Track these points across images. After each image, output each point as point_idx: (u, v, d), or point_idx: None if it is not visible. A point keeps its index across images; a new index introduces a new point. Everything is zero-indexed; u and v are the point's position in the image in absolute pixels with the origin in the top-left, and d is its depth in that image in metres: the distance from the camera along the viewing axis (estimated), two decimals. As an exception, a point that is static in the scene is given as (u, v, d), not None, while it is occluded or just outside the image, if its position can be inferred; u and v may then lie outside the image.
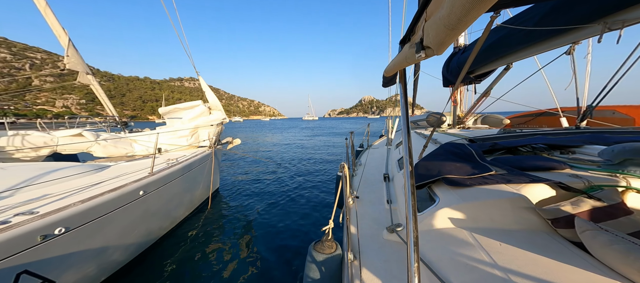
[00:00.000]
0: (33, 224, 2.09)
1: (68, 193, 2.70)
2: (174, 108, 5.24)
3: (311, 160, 11.52)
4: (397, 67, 1.12)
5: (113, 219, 2.84)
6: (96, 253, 2.76)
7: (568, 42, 1.83)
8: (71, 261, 2.46)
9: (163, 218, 3.90)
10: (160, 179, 3.54)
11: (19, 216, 2.13)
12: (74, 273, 2.54)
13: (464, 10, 0.50)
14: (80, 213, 2.45)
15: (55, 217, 2.24)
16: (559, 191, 1.49)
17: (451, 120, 5.37)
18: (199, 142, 5.15)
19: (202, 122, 5.21)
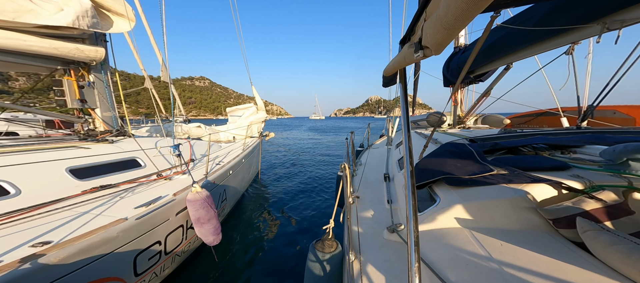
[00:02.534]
0: (227, 166, 4.19)
1: (224, 156, 4.83)
2: (235, 108, 7.42)
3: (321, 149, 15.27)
4: (396, 66, 1.12)
5: (237, 173, 4.77)
6: (232, 193, 4.54)
7: (568, 42, 1.83)
8: (229, 194, 4.30)
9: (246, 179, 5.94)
10: (247, 154, 5.65)
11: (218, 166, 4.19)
12: (228, 205, 4.44)
13: (460, 10, 0.50)
14: (230, 168, 4.32)
15: (231, 164, 4.36)
16: (560, 191, 1.49)
17: (451, 120, 5.36)
18: (251, 133, 6.89)
19: (254, 119, 7.02)
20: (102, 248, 1.90)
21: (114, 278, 2.04)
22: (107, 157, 3.06)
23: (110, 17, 3.58)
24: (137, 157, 3.36)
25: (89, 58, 3.45)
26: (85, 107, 3.64)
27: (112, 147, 3.25)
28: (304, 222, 4.80)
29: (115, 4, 3.49)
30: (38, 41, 2.96)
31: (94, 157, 2.96)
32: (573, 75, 3.30)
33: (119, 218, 2.11)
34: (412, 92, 5.74)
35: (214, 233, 2.88)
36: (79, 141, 3.25)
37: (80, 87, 3.57)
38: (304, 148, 15.92)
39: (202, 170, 3.69)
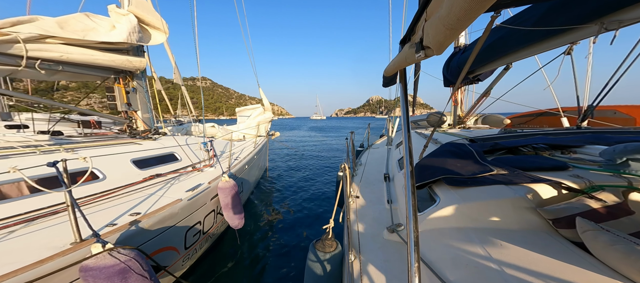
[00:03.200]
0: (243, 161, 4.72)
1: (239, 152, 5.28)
2: (244, 109, 8.00)
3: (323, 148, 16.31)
4: (397, 67, 1.12)
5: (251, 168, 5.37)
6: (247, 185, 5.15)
7: (566, 42, 1.83)
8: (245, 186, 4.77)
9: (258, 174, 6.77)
10: (258, 151, 6.25)
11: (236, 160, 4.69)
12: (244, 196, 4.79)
13: (463, 10, 0.50)
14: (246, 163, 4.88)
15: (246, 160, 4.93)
16: (560, 191, 1.49)
17: (452, 120, 5.36)
18: (259, 132, 7.23)
19: (262, 119, 7.48)
20: (169, 221, 2.43)
21: (173, 248, 2.59)
22: (153, 152, 3.61)
23: (149, 30, 4.17)
24: (174, 152, 3.92)
25: (134, 67, 4.02)
26: (130, 110, 4.26)
27: (156, 144, 3.86)
28: (307, 212, 5.40)
29: (153, 19, 4.08)
30: (101, 55, 3.54)
31: (145, 152, 3.51)
32: (571, 74, 3.30)
33: (177, 199, 2.63)
34: (412, 92, 5.74)
35: (238, 217, 3.34)
36: (131, 138, 3.93)
37: (127, 93, 4.21)
38: (307, 147, 17.07)
39: (224, 164, 4.19)
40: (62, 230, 1.93)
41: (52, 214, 2.15)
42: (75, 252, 1.66)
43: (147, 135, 4.18)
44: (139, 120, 4.38)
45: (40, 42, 2.98)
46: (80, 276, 1.58)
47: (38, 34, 2.93)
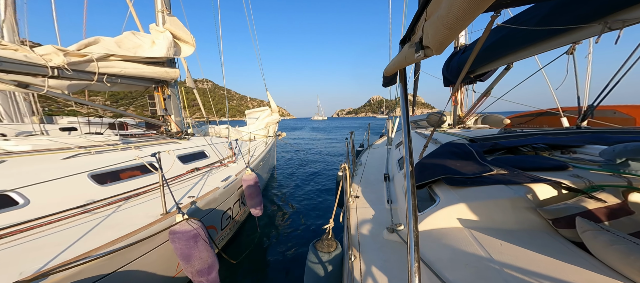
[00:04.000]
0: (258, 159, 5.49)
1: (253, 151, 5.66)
2: (253, 111, 8.50)
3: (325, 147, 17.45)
4: (397, 66, 1.12)
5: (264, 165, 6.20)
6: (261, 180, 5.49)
7: (569, 42, 1.83)
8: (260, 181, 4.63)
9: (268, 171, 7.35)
10: (268, 150, 6.93)
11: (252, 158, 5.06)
12: None
13: (462, 10, 0.49)
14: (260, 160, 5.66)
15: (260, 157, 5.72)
16: (560, 191, 1.49)
17: (451, 120, 5.36)
18: (267, 133, 7.91)
19: (270, 120, 8.02)
20: (212, 204, 3.02)
21: (214, 227, 3.19)
22: (190, 149, 4.22)
23: (180, 44, 4.75)
24: (204, 149, 4.55)
25: (170, 78, 4.69)
26: (166, 114, 4.93)
27: (190, 143, 4.49)
28: (311, 204, 6.09)
29: (184, 35, 4.69)
30: (147, 68, 4.18)
31: (184, 149, 4.11)
32: (573, 75, 3.29)
33: (216, 187, 3.25)
34: (412, 92, 5.73)
35: (259, 207, 3.92)
36: (170, 138, 4.62)
37: (164, 100, 4.90)
38: (310, 146, 18.46)
39: (244, 161, 4.82)
40: (150, 204, 2.62)
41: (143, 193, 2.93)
42: (165, 220, 2.25)
43: (180, 135, 4.88)
44: (173, 123, 5.03)
45: (106, 60, 3.65)
46: (169, 238, 2.19)
47: (104, 53, 3.59)
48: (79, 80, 3.44)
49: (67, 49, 3.31)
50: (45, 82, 3.18)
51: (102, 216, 2.30)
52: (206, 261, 2.26)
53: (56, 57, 3.16)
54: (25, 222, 2.02)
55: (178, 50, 4.64)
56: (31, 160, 2.60)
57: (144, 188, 2.98)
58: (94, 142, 3.37)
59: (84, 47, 3.49)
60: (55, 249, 1.73)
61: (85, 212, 2.32)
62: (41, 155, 2.74)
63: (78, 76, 3.40)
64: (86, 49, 3.47)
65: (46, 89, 3.21)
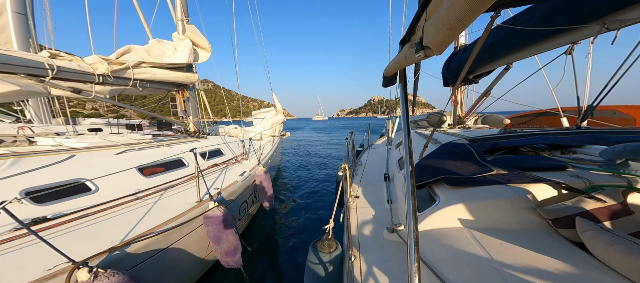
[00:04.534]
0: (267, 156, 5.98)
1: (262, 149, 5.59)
2: (259, 112, 8.90)
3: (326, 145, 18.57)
4: (397, 67, 1.12)
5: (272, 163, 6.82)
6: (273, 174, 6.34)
7: (567, 42, 1.83)
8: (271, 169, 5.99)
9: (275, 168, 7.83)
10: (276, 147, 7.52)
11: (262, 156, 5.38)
12: None
13: (462, 11, 0.49)
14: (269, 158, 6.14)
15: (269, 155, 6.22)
16: (560, 191, 1.49)
17: (451, 120, 5.36)
18: (273, 133, 8.29)
19: (275, 120, 8.37)
20: (233, 196, 3.29)
21: (234, 217, 3.34)
22: (208, 147, 4.55)
23: (198, 51, 5.15)
24: (220, 148, 4.92)
25: (190, 82, 5.12)
26: (186, 115, 5.43)
27: (208, 142, 4.87)
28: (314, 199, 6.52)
29: (202, 42, 5.13)
30: (172, 73, 4.64)
31: (204, 147, 4.44)
32: (573, 75, 3.29)
33: (235, 180, 3.60)
34: (412, 92, 5.73)
35: (270, 200, 4.21)
36: (190, 138, 4.99)
37: (184, 102, 5.39)
38: (312, 145, 19.41)
39: (255, 158, 5.24)
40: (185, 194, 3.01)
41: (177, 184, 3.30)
42: (200, 206, 2.60)
43: (198, 135, 5.30)
44: (191, 124, 5.49)
45: (139, 67, 4.10)
46: (204, 222, 2.50)
47: (138, 61, 4.04)
48: (117, 85, 3.91)
49: (109, 58, 3.77)
50: (93, 87, 3.64)
51: (151, 202, 2.71)
52: (232, 244, 2.59)
53: (101, 65, 3.64)
54: (97, 204, 2.48)
55: (196, 56, 5.08)
56: (92, 155, 3.03)
57: (177, 180, 3.42)
58: (135, 141, 3.89)
59: (120, 55, 3.96)
60: (127, 226, 2.14)
61: (136, 199, 2.74)
62: (98, 151, 3.17)
63: (117, 82, 3.87)
64: (122, 57, 3.94)
65: (93, 93, 3.67)
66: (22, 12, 4.93)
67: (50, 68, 3.11)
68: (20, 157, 2.49)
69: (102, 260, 1.67)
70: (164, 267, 2.24)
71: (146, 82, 4.29)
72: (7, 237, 1.83)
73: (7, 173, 2.25)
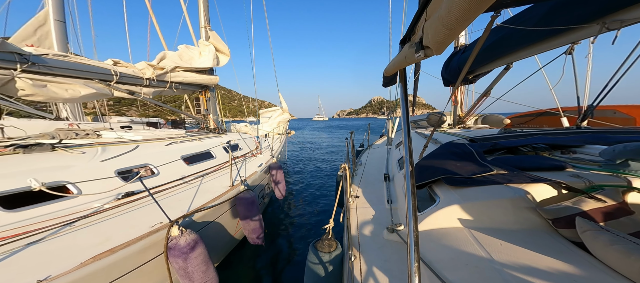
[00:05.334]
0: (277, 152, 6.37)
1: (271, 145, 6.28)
2: (266, 111, 9.47)
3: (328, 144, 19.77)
4: (397, 67, 1.12)
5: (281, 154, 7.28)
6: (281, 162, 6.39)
7: (567, 42, 1.83)
8: None
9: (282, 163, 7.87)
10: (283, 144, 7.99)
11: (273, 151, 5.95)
12: None
13: (463, 10, 0.49)
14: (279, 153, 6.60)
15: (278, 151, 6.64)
16: (560, 191, 1.49)
17: (451, 120, 5.36)
18: (279, 131, 8.61)
19: (281, 119, 8.81)
20: (255, 183, 3.82)
21: None
22: (227, 143, 5.02)
23: (219, 55, 5.63)
24: (238, 143, 5.44)
25: (213, 83, 5.65)
26: (207, 114, 5.95)
27: (227, 137, 5.41)
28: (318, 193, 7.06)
29: (223, 47, 5.69)
30: (199, 76, 5.16)
31: (225, 142, 4.95)
32: (573, 75, 3.29)
33: (255, 170, 4.13)
34: (412, 92, 5.72)
35: (282, 190, 4.64)
36: (212, 133, 5.57)
37: (206, 101, 5.92)
38: (314, 143, 20.79)
39: (268, 152, 5.82)
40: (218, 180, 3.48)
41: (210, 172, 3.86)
42: (233, 190, 3.05)
43: (217, 131, 5.88)
44: (211, 121, 6.02)
45: (174, 71, 4.64)
46: (236, 202, 2.97)
47: (173, 66, 4.60)
48: (158, 87, 4.49)
49: (153, 64, 4.37)
50: (141, 90, 4.19)
51: (195, 185, 3.22)
52: (258, 222, 3.05)
53: (148, 70, 4.23)
54: (160, 185, 3.03)
55: (218, 60, 5.63)
56: (149, 146, 3.60)
57: (208, 169, 3.94)
58: (174, 135, 4.51)
59: (160, 61, 4.56)
60: (186, 201, 2.64)
61: (184, 183, 3.27)
62: (152, 143, 3.76)
63: (158, 85, 4.44)
64: (161, 62, 4.54)
65: (142, 95, 4.21)
66: (62, 19, 5.38)
67: (115, 74, 3.73)
68: (106, 146, 3.16)
69: (181, 222, 2.07)
70: (210, 237, 2.53)
71: (179, 84, 4.89)
72: (112, 205, 2.43)
73: (102, 157, 2.88)
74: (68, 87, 3.23)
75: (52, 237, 1.83)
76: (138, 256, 1.82)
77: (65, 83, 3.22)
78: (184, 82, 4.89)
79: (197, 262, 2.00)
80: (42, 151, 2.64)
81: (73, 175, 2.42)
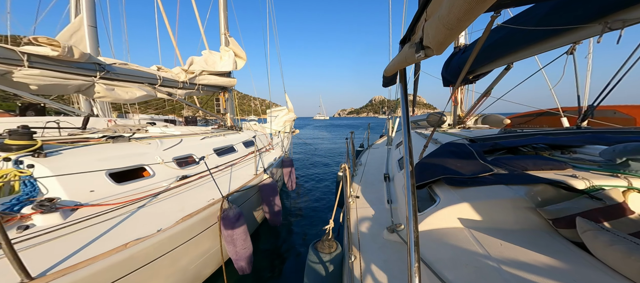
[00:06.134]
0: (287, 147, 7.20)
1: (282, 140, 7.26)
2: (273, 110, 9.81)
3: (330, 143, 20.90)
4: (397, 66, 1.12)
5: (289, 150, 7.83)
6: None
7: (569, 42, 1.83)
8: None
9: None
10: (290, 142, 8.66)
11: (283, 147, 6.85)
12: None
13: (463, 10, 0.49)
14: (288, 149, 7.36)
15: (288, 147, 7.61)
16: (560, 191, 1.49)
17: (452, 120, 5.36)
18: (285, 129, 9.27)
19: (288, 118, 9.33)
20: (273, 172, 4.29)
21: None
22: (246, 138, 5.66)
23: (236, 60, 6.22)
24: (253, 139, 5.70)
25: (231, 85, 6.39)
26: (225, 113, 6.66)
27: (244, 135, 5.99)
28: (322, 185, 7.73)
29: (240, 52, 6.29)
30: (221, 79, 5.89)
31: (243, 138, 5.57)
32: (573, 75, 3.29)
33: (271, 162, 4.79)
34: (412, 92, 5.72)
35: (294, 182, 5.51)
36: (231, 130, 6.21)
37: (225, 101, 6.63)
38: (317, 141, 21.83)
39: (278, 148, 6.45)
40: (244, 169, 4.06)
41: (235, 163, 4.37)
42: (257, 177, 3.63)
43: (234, 128, 6.54)
44: (229, 120, 6.72)
45: (201, 75, 5.30)
46: (261, 188, 3.57)
47: (201, 70, 5.28)
48: (189, 89, 5.15)
49: (185, 69, 5.02)
50: (177, 92, 4.90)
51: (227, 173, 3.79)
52: (279, 207, 3.70)
53: (182, 75, 4.92)
54: (201, 172, 3.53)
55: (236, 64, 6.27)
56: (188, 139, 4.18)
57: (232, 161, 4.44)
58: (205, 130, 5.32)
59: (190, 65, 5.18)
60: (225, 185, 3.24)
61: (218, 171, 3.79)
62: (191, 137, 4.40)
63: (190, 87, 5.10)
64: (191, 67, 5.18)
65: (177, 96, 4.90)
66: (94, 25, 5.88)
67: (159, 78, 4.45)
68: (162, 139, 3.82)
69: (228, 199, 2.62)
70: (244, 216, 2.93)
71: (205, 86, 5.55)
72: (176, 184, 3.05)
73: (164, 147, 3.55)
74: (127, 89, 3.96)
75: (149, 204, 2.51)
76: (202, 223, 2.40)
77: (125, 86, 3.96)
78: (209, 84, 5.61)
79: (240, 231, 2.55)
80: (123, 141, 3.34)
81: (148, 160, 3.12)
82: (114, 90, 3.74)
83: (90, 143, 2.99)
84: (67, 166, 2.43)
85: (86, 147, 2.87)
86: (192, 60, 5.22)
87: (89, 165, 2.55)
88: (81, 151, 2.76)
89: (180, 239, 2.18)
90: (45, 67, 3.06)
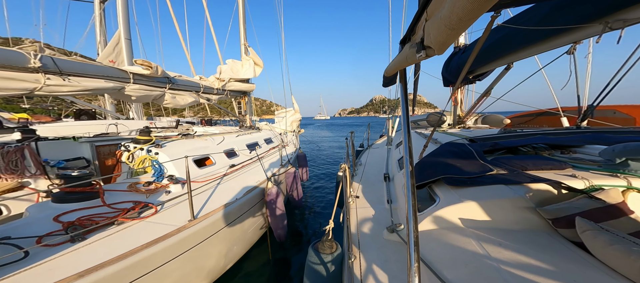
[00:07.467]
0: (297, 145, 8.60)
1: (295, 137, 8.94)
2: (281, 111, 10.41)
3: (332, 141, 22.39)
4: (397, 67, 1.12)
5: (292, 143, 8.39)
6: None
7: (569, 42, 1.83)
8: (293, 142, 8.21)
9: None
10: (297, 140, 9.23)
11: None
12: None
13: (465, 10, 0.49)
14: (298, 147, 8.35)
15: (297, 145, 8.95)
16: (559, 191, 1.49)
17: (451, 119, 5.35)
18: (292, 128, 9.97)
19: (294, 119, 9.94)
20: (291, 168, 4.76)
21: None
22: (265, 137, 6.44)
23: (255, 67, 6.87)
24: (271, 137, 6.77)
25: (251, 90, 7.17)
26: (245, 114, 7.50)
27: (262, 133, 6.64)
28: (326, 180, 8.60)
29: (258, 60, 6.89)
30: (243, 84, 6.70)
31: (263, 137, 6.34)
32: (574, 74, 3.28)
33: (289, 155, 5.51)
34: (412, 92, 5.71)
35: (306, 174, 6.46)
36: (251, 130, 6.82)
37: (245, 104, 7.47)
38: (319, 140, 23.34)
39: (291, 146, 7.23)
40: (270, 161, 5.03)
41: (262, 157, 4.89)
42: (283, 168, 4.47)
43: (253, 128, 7.21)
44: (248, 121, 7.50)
45: (229, 82, 6.19)
46: (286, 176, 4.38)
47: (229, 77, 6.19)
48: (221, 95, 6.08)
49: (218, 77, 6.02)
50: (212, 98, 5.82)
51: (258, 164, 4.50)
52: (300, 193, 4.55)
53: (216, 83, 5.88)
54: (239, 163, 4.38)
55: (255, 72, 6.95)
56: (227, 136, 5.00)
57: (261, 154, 5.10)
58: (237, 130, 6.22)
59: (220, 73, 6.15)
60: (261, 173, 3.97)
61: (251, 162, 4.65)
62: (228, 135, 5.21)
63: (221, 92, 6.03)
64: (221, 75, 6.12)
65: (213, 101, 5.87)
66: (129, 37, 6.69)
67: (201, 86, 5.35)
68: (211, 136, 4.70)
69: None
70: None
71: (231, 91, 6.44)
72: (229, 171, 4.00)
73: (216, 142, 4.50)
74: (183, 97, 4.88)
75: (221, 183, 3.50)
76: (253, 199, 3.22)
77: (181, 94, 4.86)
78: (234, 89, 6.48)
79: (280, 207, 3.37)
80: (190, 138, 4.26)
81: (210, 151, 4.09)
82: (175, 98, 4.72)
83: (174, 140, 3.91)
84: (174, 154, 3.36)
85: (175, 141, 3.82)
86: (221, 69, 6.19)
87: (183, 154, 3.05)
88: (176, 144, 3.73)
89: (245, 207, 3.05)
90: (141, 82, 4.07)
